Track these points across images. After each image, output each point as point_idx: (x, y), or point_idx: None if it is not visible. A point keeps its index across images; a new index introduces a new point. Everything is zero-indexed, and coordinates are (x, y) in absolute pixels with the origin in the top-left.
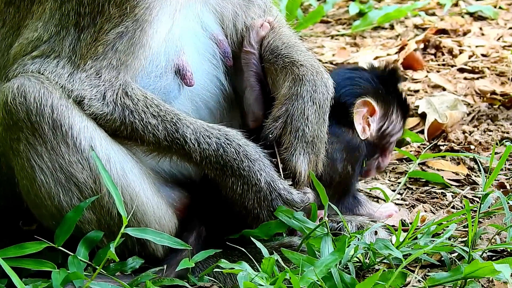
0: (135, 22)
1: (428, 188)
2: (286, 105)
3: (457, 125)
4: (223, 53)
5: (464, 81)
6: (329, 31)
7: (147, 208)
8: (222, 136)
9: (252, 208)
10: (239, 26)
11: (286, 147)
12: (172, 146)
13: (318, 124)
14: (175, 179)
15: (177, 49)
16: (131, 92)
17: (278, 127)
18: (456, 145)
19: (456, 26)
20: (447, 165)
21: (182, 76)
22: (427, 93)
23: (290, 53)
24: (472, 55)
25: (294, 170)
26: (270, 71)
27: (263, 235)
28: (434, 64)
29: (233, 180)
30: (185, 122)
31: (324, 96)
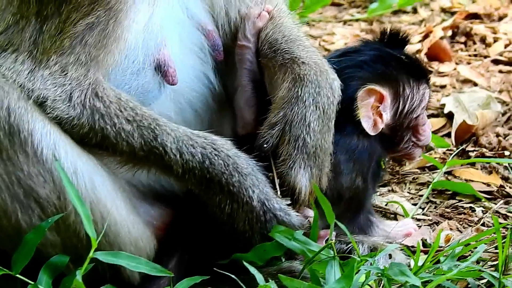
0: (108, 11)
1: (455, 202)
2: (285, 109)
3: (490, 127)
4: (212, 45)
5: (499, 74)
6: (341, 16)
7: (121, 228)
8: (208, 146)
9: (242, 230)
10: (232, 15)
11: (284, 159)
12: (150, 156)
13: (322, 132)
14: (154, 193)
15: (158, 41)
16: (102, 93)
17: (274, 135)
18: (488, 151)
19: (490, 10)
20: (477, 174)
21: (163, 73)
22: (455, 89)
23: (291, 48)
24: (508, 44)
25: (293, 186)
26: (268, 68)
27: (258, 259)
28: (464, 55)
29: (220, 198)
30: (165, 128)
31: (329, 100)
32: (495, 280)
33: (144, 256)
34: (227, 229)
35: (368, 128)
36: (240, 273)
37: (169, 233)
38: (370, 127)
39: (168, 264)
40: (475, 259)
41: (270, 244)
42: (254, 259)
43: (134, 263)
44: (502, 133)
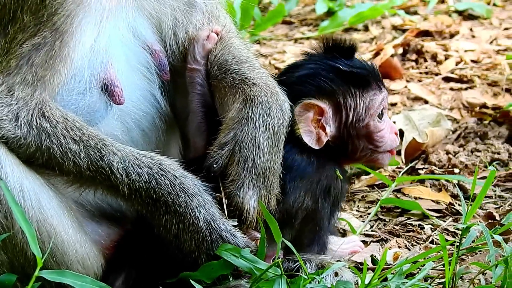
0: (54, 31)
1: (404, 220)
2: (235, 130)
3: (440, 145)
4: (159, 65)
5: (450, 92)
6: (292, 34)
7: (68, 247)
8: (155, 166)
9: (189, 251)
10: (180, 35)
11: (232, 179)
12: (97, 176)
13: (271, 153)
14: (102, 212)
15: (104, 61)
16: (48, 113)
17: (224, 155)
18: (437, 169)
19: (441, 27)
20: (426, 192)
21: (109, 92)
22: (406, 107)
23: (242, 69)
24: (460, 61)
25: (241, 207)
26: (218, 90)
27: (205, 277)
28: (415, 72)
29: (167, 218)
30: (111, 148)
31: (279, 121)
32: None
33: (92, 274)
34: (174, 249)
35: (311, 142)
36: None
37: (117, 251)
38: (313, 141)
39: (115, 282)
40: (422, 277)
41: (217, 262)
42: (202, 277)
43: (80, 281)
44: (452, 150)
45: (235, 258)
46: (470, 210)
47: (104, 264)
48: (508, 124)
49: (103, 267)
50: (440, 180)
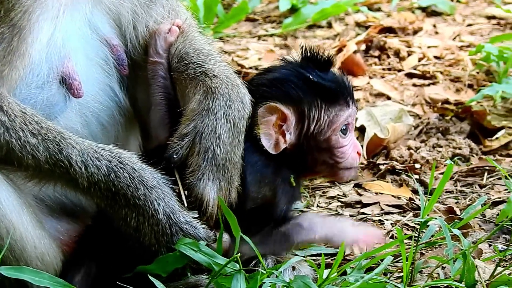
0: (12, 28)
1: (364, 216)
2: (195, 121)
3: (402, 140)
4: (117, 60)
5: (413, 88)
6: (255, 31)
7: (26, 243)
8: (114, 159)
9: (149, 244)
10: (140, 29)
11: (192, 170)
12: (55, 170)
13: (232, 145)
14: (62, 208)
15: (62, 55)
16: (7, 107)
17: (184, 146)
18: (399, 164)
19: (404, 24)
20: (387, 187)
21: (68, 85)
22: (369, 103)
23: (203, 62)
24: (422, 58)
25: (201, 198)
26: (179, 82)
27: (161, 271)
28: (377, 69)
29: (126, 211)
30: (70, 141)
31: (240, 113)
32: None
33: (52, 270)
34: (134, 243)
35: (268, 145)
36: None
37: (76, 247)
38: (270, 145)
39: (74, 278)
40: (380, 271)
41: (172, 255)
42: (157, 271)
43: (38, 277)
44: (414, 146)
45: (193, 252)
46: (428, 204)
47: (63, 260)
48: (469, 119)
49: (63, 263)
50: (401, 176)
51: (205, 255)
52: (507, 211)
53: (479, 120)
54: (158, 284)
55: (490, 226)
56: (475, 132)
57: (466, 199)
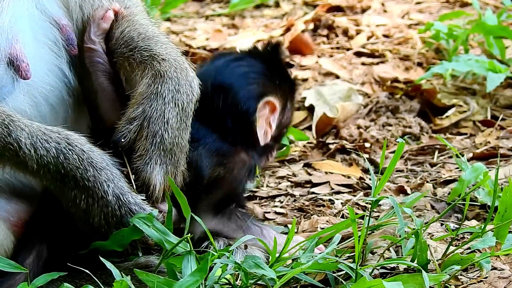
0: None
1: (314, 196)
2: (144, 105)
3: (351, 120)
4: (66, 40)
5: (362, 67)
6: (203, 11)
7: None
8: (62, 141)
9: (98, 225)
10: (85, 11)
11: (140, 154)
12: (5, 152)
13: (180, 130)
14: (11, 188)
15: (9, 37)
16: None
17: (132, 130)
18: (348, 143)
19: (353, 2)
20: (337, 166)
21: (16, 67)
22: (317, 82)
23: (149, 46)
24: (371, 36)
25: (148, 182)
26: (124, 67)
27: (116, 246)
28: (326, 48)
29: (75, 193)
30: (19, 124)
31: (188, 98)
32: (352, 271)
33: (2, 252)
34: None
35: (261, 138)
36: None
37: (27, 229)
38: (262, 137)
39: (25, 260)
40: (330, 250)
41: (127, 229)
42: (113, 246)
43: None
44: (363, 125)
45: (146, 227)
46: (379, 183)
47: (15, 242)
48: (419, 98)
49: (14, 245)
50: (351, 155)
51: (157, 231)
52: (458, 190)
53: (429, 98)
54: (109, 265)
55: (442, 205)
56: (425, 110)
57: (417, 178)
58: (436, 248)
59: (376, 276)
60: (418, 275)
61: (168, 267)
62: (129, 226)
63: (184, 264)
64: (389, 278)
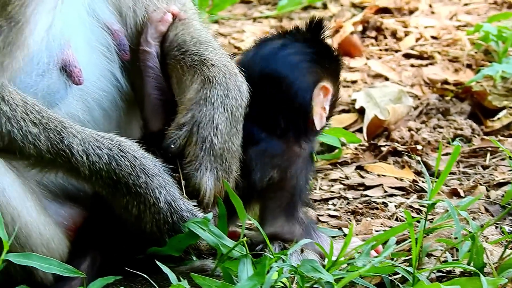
0: (9, 20)
1: (367, 199)
2: (193, 110)
3: (402, 122)
4: (118, 45)
5: (411, 68)
6: (250, 13)
7: (32, 230)
8: (115, 147)
9: (150, 232)
10: (139, 14)
11: (190, 160)
12: (57, 159)
13: (230, 135)
14: (65, 193)
15: (62, 42)
16: (8, 97)
17: (182, 136)
18: (400, 146)
19: (400, 4)
20: (389, 169)
21: (68, 73)
22: (367, 84)
23: (200, 50)
24: (419, 38)
25: (198, 188)
26: (176, 70)
27: (174, 251)
28: (375, 50)
29: (128, 199)
30: (71, 130)
31: (238, 103)
32: (409, 275)
33: (57, 257)
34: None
35: (318, 123)
36: (154, 273)
37: (81, 233)
38: (319, 122)
39: (81, 264)
40: (388, 254)
41: (183, 234)
42: (170, 251)
43: (46, 264)
44: (414, 127)
45: (202, 231)
46: (435, 186)
47: (69, 246)
48: (470, 100)
49: (69, 249)
50: (403, 157)
51: (213, 235)
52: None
53: (479, 100)
54: (165, 269)
55: (495, 208)
56: (476, 112)
57: (469, 181)
58: (492, 251)
59: (432, 280)
60: (476, 279)
61: (224, 271)
62: (182, 232)
63: (240, 268)
64: (446, 282)
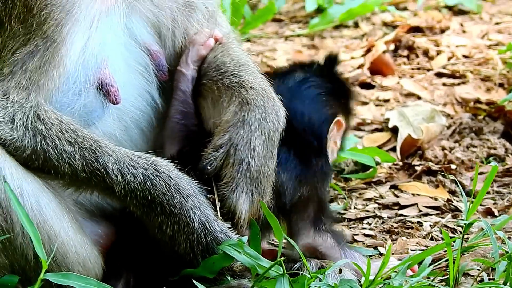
0: (46, 40)
1: (402, 218)
2: (230, 132)
3: (435, 141)
4: (157, 65)
5: (443, 87)
6: (282, 31)
7: (68, 249)
8: (150, 167)
9: (184, 253)
10: (178, 36)
11: (226, 181)
12: (92, 178)
13: (266, 158)
14: (101, 211)
15: (98, 62)
16: (43, 115)
17: (218, 157)
18: (434, 165)
19: (432, 23)
20: (424, 188)
21: (105, 92)
22: (399, 103)
23: (239, 72)
24: (451, 57)
25: (234, 210)
26: (212, 91)
27: (207, 272)
28: (407, 68)
29: (162, 219)
30: (106, 149)
31: (275, 126)
32: None
33: (93, 276)
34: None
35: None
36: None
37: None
38: (331, 155)
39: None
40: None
41: (218, 256)
42: (204, 273)
43: (85, 284)
44: (448, 146)
45: (238, 254)
46: (472, 207)
47: (103, 265)
48: (503, 119)
49: (104, 268)
50: (437, 176)
51: (249, 256)
52: None
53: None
54: None
55: None
56: (509, 131)
57: (503, 200)
58: None
59: None
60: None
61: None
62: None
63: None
64: None
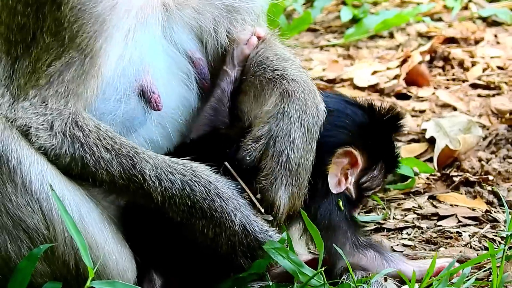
0: (81, 51)
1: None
2: (270, 123)
3: (472, 152)
4: (199, 74)
5: (478, 98)
6: (317, 41)
7: (108, 259)
8: (188, 172)
9: (226, 253)
10: (220, 39)
11: (266, 174)
12: (130, 185)
13: (305, 150)
14: None
15: (139, 69)
16: (82, 122)
17: (258, 149)
18: (471, 176)
19: (467, 34)
20: (462, 199)
21: (147, 99)
22: (435, 114)
23: (282, 65)
24: (486, 68)
25: (272, 202)
26: (254, 86)
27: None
28: (442, 79)
29: (203, 223)
30: (143, 156)
31: (314, 120)
32: None
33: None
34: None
35: (332, 184)
36: None
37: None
38: (333, 184)
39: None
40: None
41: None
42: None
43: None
44: (485, 157)
45: (281, 258)
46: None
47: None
48: None
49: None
50: (475, 187)
51: (292, 262)
52: None
53: None
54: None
55: None
56: None
57: None
58: None
59: None
60: None
61: None
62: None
63: None
64: None
